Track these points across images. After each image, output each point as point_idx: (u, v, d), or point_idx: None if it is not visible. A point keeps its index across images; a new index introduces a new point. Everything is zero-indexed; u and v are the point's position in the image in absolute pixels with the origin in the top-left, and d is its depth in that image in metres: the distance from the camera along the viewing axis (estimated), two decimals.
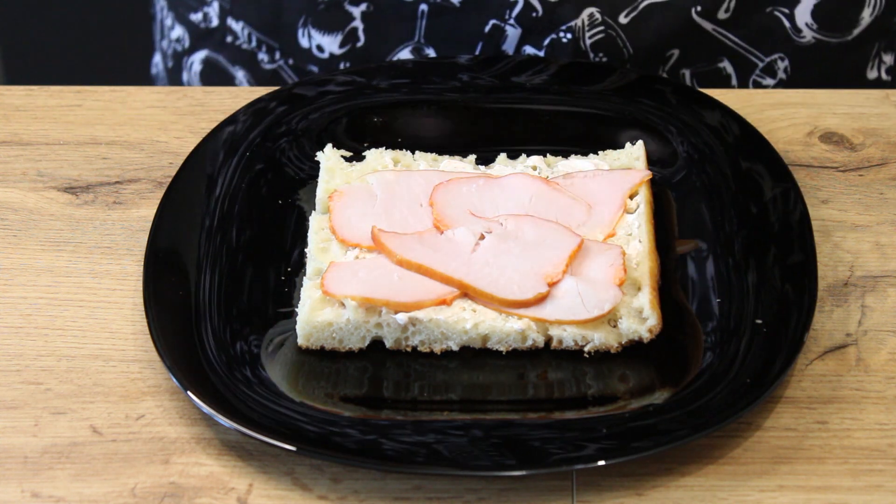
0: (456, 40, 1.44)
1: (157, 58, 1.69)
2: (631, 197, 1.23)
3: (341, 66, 1.47)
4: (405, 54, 1.45)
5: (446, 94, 1.34)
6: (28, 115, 1.37)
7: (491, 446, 1.06)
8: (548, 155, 1.28)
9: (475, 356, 1.15)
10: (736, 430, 1.09)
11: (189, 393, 1.08)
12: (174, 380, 1.09)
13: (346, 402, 1.11)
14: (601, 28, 1.40)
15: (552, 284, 1.15)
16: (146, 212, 1.27)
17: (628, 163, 1.27)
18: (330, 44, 1.46)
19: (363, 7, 1.43)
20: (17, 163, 1.32)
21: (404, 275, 1.15)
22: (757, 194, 1.24)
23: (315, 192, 1.25)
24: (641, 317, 1.15)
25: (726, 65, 1.45)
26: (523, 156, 1.27)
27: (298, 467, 1.08)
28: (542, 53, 1.42)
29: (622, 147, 1.29)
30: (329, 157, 1.27)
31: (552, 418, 1.10)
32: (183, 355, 1.11)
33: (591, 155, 1.29)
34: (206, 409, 1.08)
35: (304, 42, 1.47)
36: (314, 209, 1.24)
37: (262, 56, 1.50)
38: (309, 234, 1.21)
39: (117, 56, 2.60)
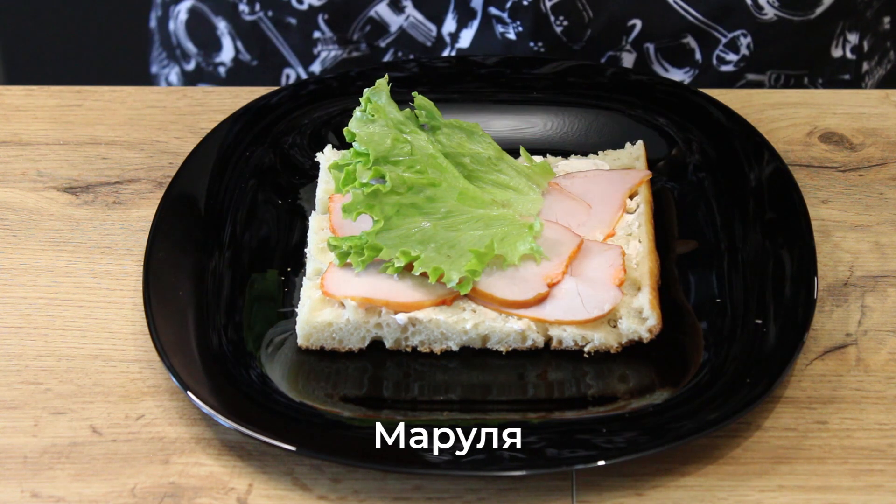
0: None
1: (153, 12, 1.70)
2: (631, 197, 1.23)
3: (319, 18, 1.49)
4: (382, 8, 1.48)
5: (446, 93, 1.34)
6: (28, 115, 1.37)
7: (491, 446, 1.06)
8: (548, 155, 1.29)
9: (475, 356, 1.15)
10: (736, 430, 1.09)
11: (189, 393, 1.08)
12: (174, 380, 1.09)
13: (346, 402, 1.11)
14: None
15: (552, 285, 1.15)
16: (146, 212, 1.27)
17: (628, 163, 1.27)
18: None
19: None
20: (17, 163, 1.32)
21: (404, 275, 1.15)
22: (757, 194, 1.24)
23: (315, 192, 1.25)
24: (641, 317, 1.15)
25: (690, 40, 1.46)
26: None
27: (298, 467, 1.08)
28: (504, 14, 1.44)
29: (622, 147, 1.29)
30: (329, 158, 1.27)
31: (552, 418, 1.10)
32: (183, 355, 1.11)
33: (591, 155, 1.29)
34: (206, 409, 1.08)
35: None
36: (314, 209, 1.24)
37: (243, 7, 1.52)
38: (309, 234, 1.21)
39: (117, 56, 2.59)
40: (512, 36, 1.45)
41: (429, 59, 1.41)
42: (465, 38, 1.47)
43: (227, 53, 1.56)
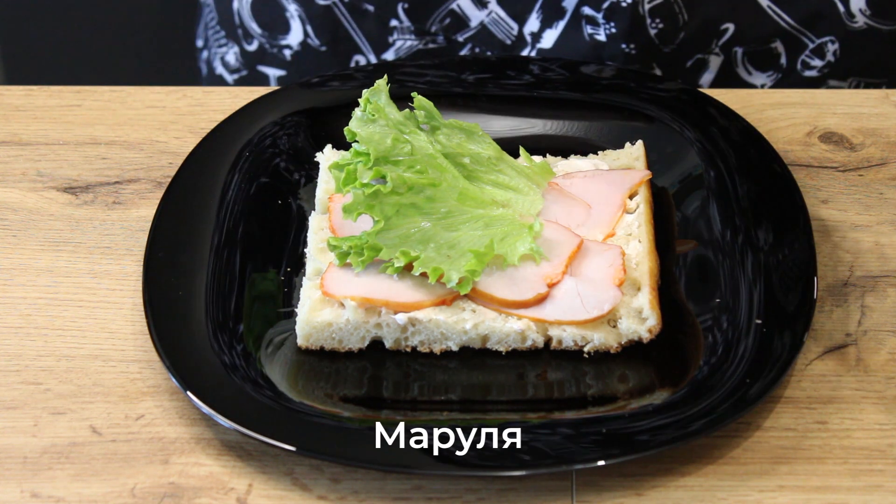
0: None
1: None
2: (630, 197, 1.23)
3: (399, 6, 1.47)
4: (465, 2, 1.46)
5: (446, 93, 1.34)
6: (28, 115, 1.37)
7: (491, 446, 1.06)
8: (548, 155, 1.29)
9: (475, 356, 1.15)
10: (736, 430, 1.09)
11: (189, 393, 1.08)
12: (174, 380, 1.09)
13: (346, 402, 1.11)
14: None
15: (552, 285, 1.15)
16: (146, 212, 1.27)
17: (628, 163, 1.27)
18: None
19: None
20: (17, 163, 1.32)
21: (404, 275, 1.15)
22: (756, 194, 1.24)
23: (315, 192, 1.25)
24: (641, 317, 1.15)
25: (778, 45, 1.46)
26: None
27: (298, 467, 1.08)
28: (599, 15, 1.43)
29: (622, 147, 1.29)
30: (329, 158, 1.27)
31: (552, 418, 1.10)
32: (183, 355, 1.11)
33: (591, 155, 1.29)
34: (205, 409, 1.08)
35: None
36: (314, 209, 1.24)
37: None
38: (309, 234, 1.21)
39: (117, 56, 2.59)
40: (602, 37, 1.45)
41: (428, 59, 1.41)
42: (549, 39, 1.46)
43: (294, 37, 1.54)
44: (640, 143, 1.29)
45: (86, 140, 1.34)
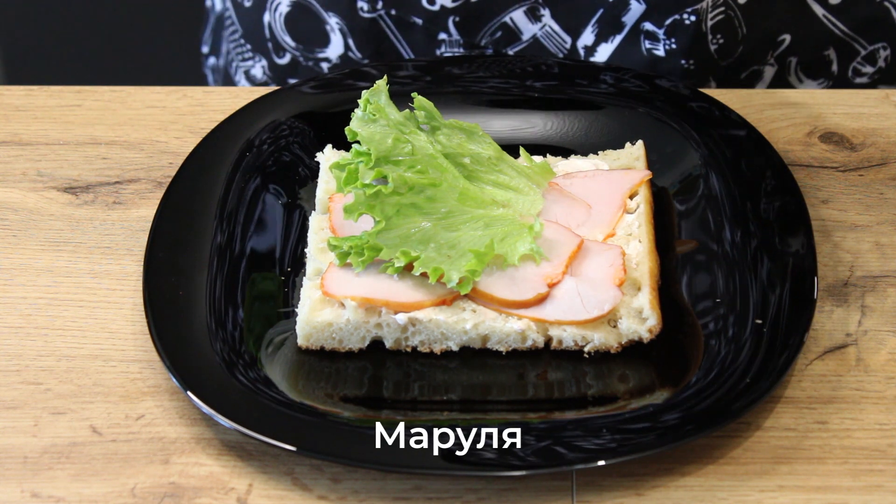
0: (576, 7, 1.44)
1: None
2: (631, 197, 1.23)
3: (449, 20, 1.47)
4: (518, 14, 1.45)
5: (446, 93, 1.34)
6: (28, 115, 1.37)
7: (491, 446, 1.06)
8: (548, 155, 1.29)
9: (475, 356, 1.15)
10: (736, 430, 1.09)
11: (189, 393, 1.08)
12: (174, 380, 1.09)
13: (346, 402, 1.11)
14: (722, 9, 1.41)
15: (552, 285, 1.15)
16: (146, 212, 1.27)
17: (628, 163, 1.27)
18: None
19: None
20: (17, 163, 1.32)
21: (404, 275, 1.15)
22: (757, 194, 1.24)
23: (315, 192, 1.25)
24: (641, 317, 1.15)
25: (831, 52, 1.46)
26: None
27: (298, 467, 1.08)
28: (660, 31, 1.42)
29: (622, 147, 1.29)
30: (329, 158, 1.27)
31: (552, 418, 1.10)
32: (183, 355, 1.11)
33: (591, 155, 1.29)
34: (206, 409, 1.08)
35: None
36: (314, 209, 1.24)
37: (362, 3, 1.47)
38: (309, 234, 1.21)
39: (117, 56, 2.60)
40: (661, 52, 1.44)
41: (428, 59, 1.41)
42: (603, 53, 1.45)
43: (334, 49, 1.52)
44: (640, 143, 1.29)
45: (86, 140, 1.34)
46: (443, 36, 1.47)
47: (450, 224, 1.16)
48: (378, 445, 1.06)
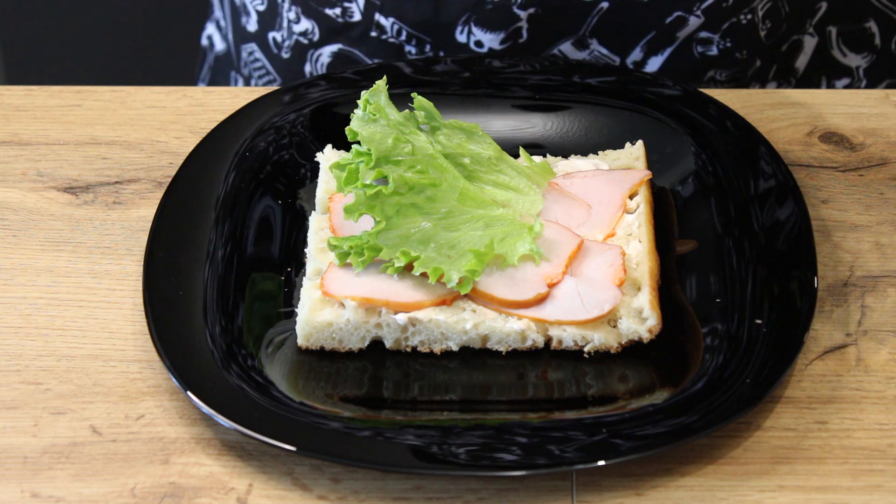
0: (627, 32, 1.44)
1: (212, 29, 1.65)
2: (631, 197, 1.23)
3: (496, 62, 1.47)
4: (567, 48, 1.45)
5: (446, 93, 1.34)
6: (28, 115, 1.37)
7: (491, 446, 1.06)
8: (548, 155, 1.29)
9: (475, 356, 1.15)
10: (736, 430, 1.09)
11: (189, 393, 1.08)
12: (174, 380, 1.09)
13: (346, 402, 1.11)
14: None
15: (552, 285, 1.15)
16: (146, 212, 1.27)
17: (628, 163, 1.27)
18: (491, 41, 1.45)
19: (531, 10, 1.42)
20: (17, 163, 1.32)
21: (404, 275, 1.15)
22: (757, 194, 1.24)
23: (315, 192, 1.25)
24: (641, 317, 1.15)
25: (871, 24, 1.46)
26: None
27: (298, 467, 1.08)
28: (716, 37, 1.42)
29: (622, 147, 1.29)
30: (329, 158, 1.27)
31: (552, 418, 1.10)
32: (183, 355, 1.12)
33: (591, 155, 1.29)
34: (206, 409, 1.08)
35: (461, 38, 1.45)
36: (314, 209, 1.24)
37: (410, 48, 1.47)
38: (309, 234, 1.21)
39: (117, 56, 2.60)
40: (714, 52, 1.44)
41: (427, 59, 1.41)
42: (654, 64, 1.45)
43: None
44: (640, 143, 1.29)
45: (86, 140, 1.34)
46: None
47: (450, 224, 1.16)
48: (378, 445, 1.06)
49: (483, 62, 1.38)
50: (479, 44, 1.45)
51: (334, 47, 1.50)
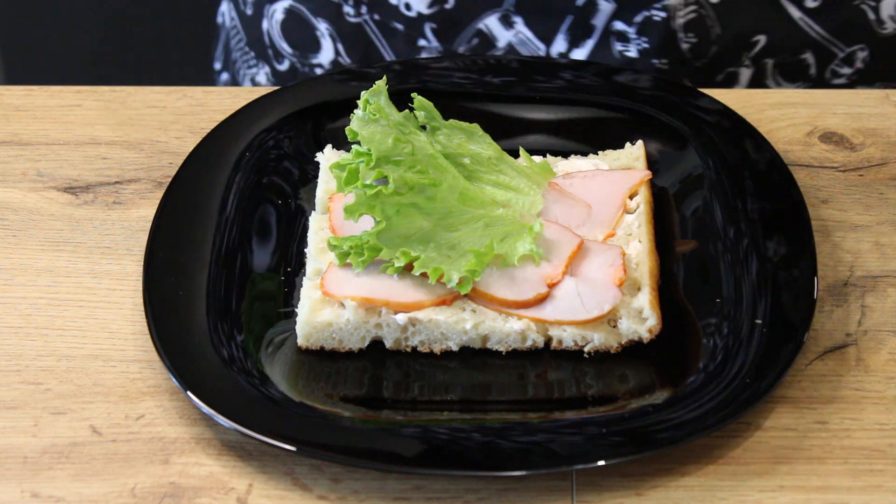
0: (546, 12, 1.44)
1: (225, 6, 1.67)
2: (631, 197, 1.23)
3: (426, 26, 1.47)
4: (492, 21, 1.45)
5: (446, 93, 1.34)
6: (28, 115, 1.37)
7: (491, 446, 1.06)
8: (548, 155, 1.29)
9: (475, 356, 1.15)
10: (736, 430, 1.09)
11: (189, 393, 1.08)
12: (174, 380, 1.09)
13: (346, 402, 1.11)
14: (694, 7, 1.41)
15: (552, 285, 1.15)
16: (146, 212, 1.27)
17: (628, 163, 1.27)
18: (418, 3, 1.46)
19: None
20: (17, 163, 1.32)
21: (404, 275, 1.15)
22: (757, 194, 1.24)
23: (315, 192, 1.25)
24: (641, 317, 1.15)
25: (808, 55, 1.46)
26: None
27: (298, 467, 1.08)
28: (631, 29, 1.43)
29: (622, 147, 1.29)
30: (329, 158, 1.27)
31: (552, 418, 1.10)
32: (183, 355, 1.12)
33: (591, 155, 1.29)
34: (206, 409, 1.08)
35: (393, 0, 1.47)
36: (314, 209, 1.24)
37: (348, 9, 1.49)
38: (309, 234, 1.21)
39: (118, 56, 2.60)
40: (633, 53, 1.44)
41: (427, 59, 1.41)
42: (577, 58, 1.46)
43: (325, 55, 1.53)
44: (640, 143, 1.29)
45: (86, 140, 1.34)
46: (422, 42, 1.48)
47: (450, 224, 1.16)
48: (378, 445, 1.06)
49: (484, 62, 1.38)
50: (408, 6, 1.46)
51: (287, 3, 1.51)
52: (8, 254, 1.24)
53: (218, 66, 1.70)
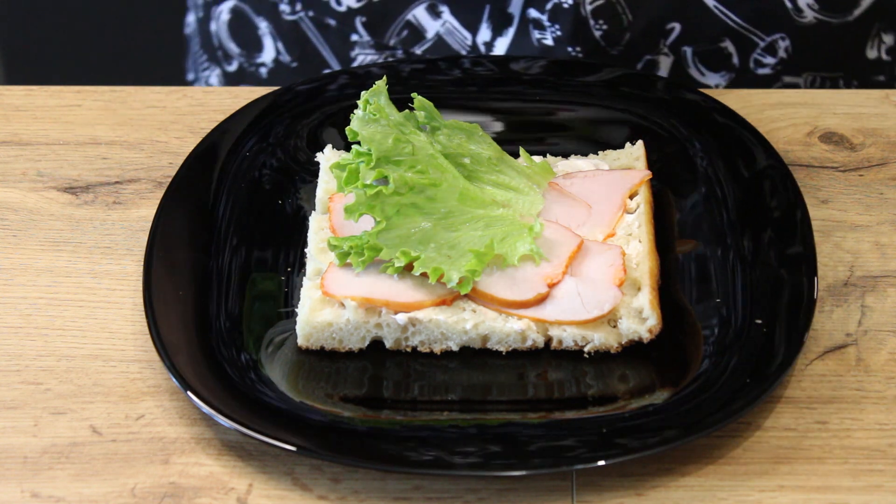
0: (469, 3, 1.45)
1: (191, 17, 1.68)
2: (631, 197, 1.23)
3: (357, 20, 1.47)
4: (420, 11, 1.46)
5: (446, 93, 1.34)
6: (28, 115, 1.37)
7: (491, 446, 1.06)
8: (548, 155, 1.29)
9: (475, 356, 1.15)
10: (736, 430, 1.09)
11: (189, 393, 1.08)
12: (174, 380, 1.09)
13: (346, 402, 1.11)
14: None
15: (552, 285, 1.15)
16: (146, 212, 1.27)
17: (628, 163, 1.27)
18: None
19: None
20: (17, 163, 1.32)
21: (404, 275, 1.15)
22: (757, 194, 1.24)
23: (315, 192, 1.25)
24: (641, 317, 1.15)
25: (728, 44, 1.46)
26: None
27: (298, 467, 1.08)
28: (544, 17, 1.43)
29: (622, 147, 1.29)
30: (329, 158, 1.27)
31: (552, 418, 1.10)
32: (183, 355, 1.11)
33: (591, 155, 1.29)
34: (206, 409, 1.08)
35: None
36: (314, 209, 1.24)
37: (284, 7, 1.50)
38: (309, 235, 1.21)
39: (118, 56, 2.60)
40: (549, 41, 1.44)
41: (426, 60, 1.41)
42: (501, 47, 1.46)
43: (268, 54, 1.54)
44: (640, 143, 1.29)
45: (86, 140, 1.34)
46: (354, 37, 1.49)
47: (450, 224, 1.16)
48: (378, 445, 1.06)
49: (485, 62, 1.38)
50: (338, 1, 1.46)
51: (231, 3, 1.53)
52: (8, 254, 1.24)
53: (191, 76, 1.71)
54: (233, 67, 1.58)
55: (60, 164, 1.32)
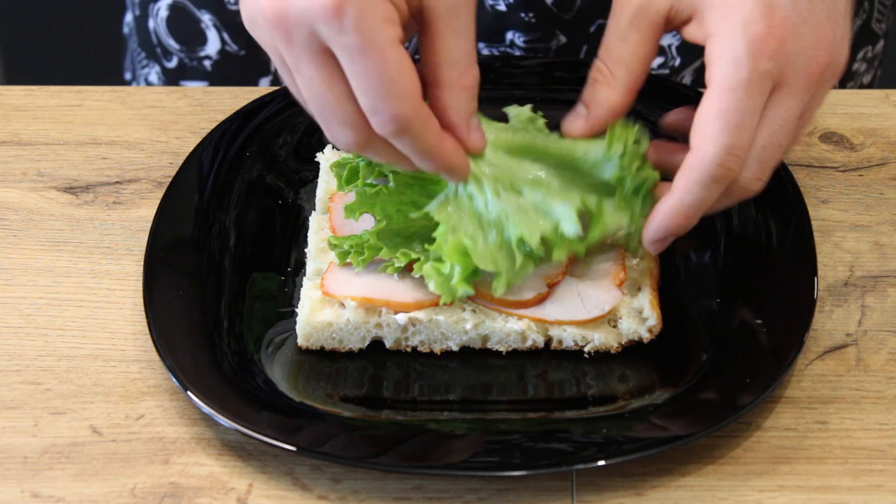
0: None
1: (129, 16, 1.69)
2: None
3: None
4: None
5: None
6: (28, 115, 1.37)
7: (491, 446, 1.06)
8: None
9: (475, 356, 1.15)
10: (736, 430, 1.09)
11: (189, 393, 1.08)
12: (174, 380, 1.09)
13: (346, 402, 1.11)
14: None
15: (552, 285, 1.15)
16: (146, 212, 1.27)
17: None
18: None
19: None
20: (17, 163, 1.32)
21: (404, 275, 1.15)
22: (756, 194, 1.23)
23: (315, 192, 1.25)
24: (641, 317, 1.15)
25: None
26: None
27: (298, 467, 1.08)
28: None
29: None
30: (329, 157, 1.27)
31: (552, 418, 1.10)
32: (183, 355, 1.11)
33: None
34: (206, 409, 1.08)
35: None
36: (314, 209, 1.24)
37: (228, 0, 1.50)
38: (309, 234, 1.21)
39: (117, 56, 2.60)
40: (502, 7, 1.43)
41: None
42: None
43: (212, 46, 1.54)
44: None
45: (86, 140, 1.34)
46: None
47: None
48: (378, 445, 1.06)
49: (486, 62, 1.38)
50: None
51: None
52: (8, 254, 1.24)
53: (128, 76, 1.71)
54: (172, 64, 1.58)
55: (60, 164, 1.32)
